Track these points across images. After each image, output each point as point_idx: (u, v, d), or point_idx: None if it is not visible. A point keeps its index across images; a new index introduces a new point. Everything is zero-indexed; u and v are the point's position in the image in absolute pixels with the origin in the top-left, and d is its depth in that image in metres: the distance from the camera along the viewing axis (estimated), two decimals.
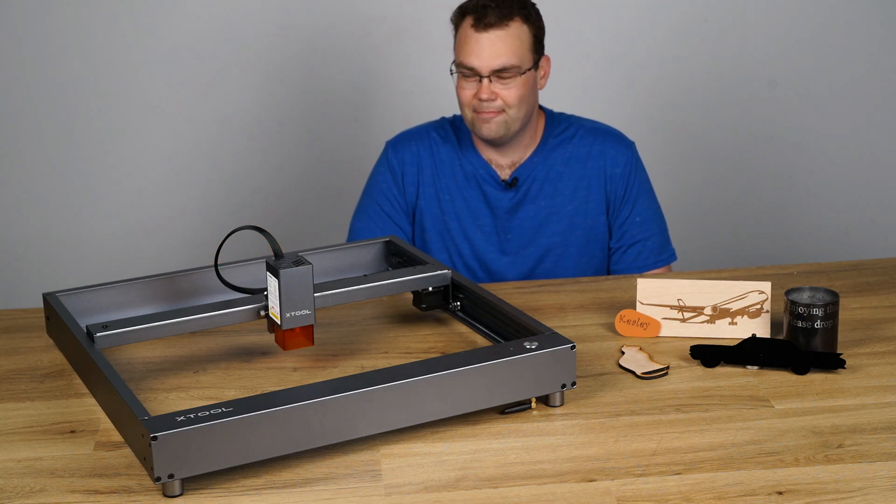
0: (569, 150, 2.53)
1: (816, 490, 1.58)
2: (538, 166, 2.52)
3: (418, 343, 2.05)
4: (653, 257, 2.55)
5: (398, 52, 3.50)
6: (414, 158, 2.55)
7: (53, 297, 2.02)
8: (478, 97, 2.40)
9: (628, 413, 1.79)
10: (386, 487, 1.61)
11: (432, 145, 2.55)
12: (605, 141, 2.54)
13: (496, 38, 2.37)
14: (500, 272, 2.55)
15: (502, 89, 2.39)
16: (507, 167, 2.53)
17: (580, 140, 2.54)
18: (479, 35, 2.38)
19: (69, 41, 3.43)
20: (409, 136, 2.58)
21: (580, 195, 2.52)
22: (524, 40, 2.40)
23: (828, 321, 1.94)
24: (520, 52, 2.39)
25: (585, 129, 2.56)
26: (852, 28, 3.59)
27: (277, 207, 3.59)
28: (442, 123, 2.59)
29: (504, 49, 2.37)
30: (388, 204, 2.55)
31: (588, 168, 2.52)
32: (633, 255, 2.55)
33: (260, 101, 3.53)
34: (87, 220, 3.58)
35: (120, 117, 3.50)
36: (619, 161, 2.53)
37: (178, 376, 1.94)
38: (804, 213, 3.71)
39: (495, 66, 2.38)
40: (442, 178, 2.54)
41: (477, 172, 2.52)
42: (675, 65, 3.58)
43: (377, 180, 2.58)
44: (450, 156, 2.54)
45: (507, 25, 2.38)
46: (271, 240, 1.87)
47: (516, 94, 2.40)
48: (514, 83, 2.39)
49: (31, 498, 1.60)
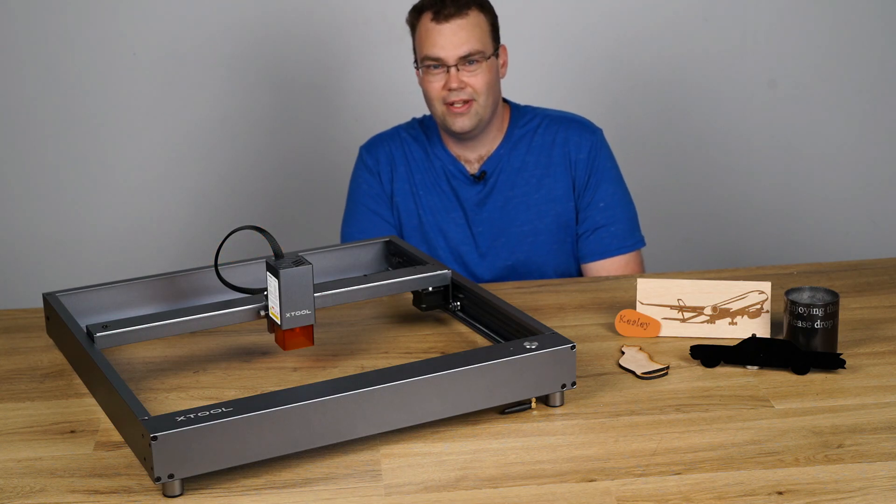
0: (534, 140, 2.57)
1: (816, 490, 1.58)
2: (504, 158, 2.56)
3: (418, 343, 2.05)
4: (616, 242, 2.57)
5: (398, 51, 3.50)
6: (387, 157, 2.61)
7: (53, 297, 2.02)
8: (447, 87, 2.45)
9: (628, 413, 1.79)
10: (386, 487, 1.61)
11: (403, 144, 2.61)
12: (570, 128, 2.58)
13: (458, 27, 2.44)
14: (475, 265, 2.58)
15: (470, 77, 2.45)
16: (475, 161, 2.58)
17: (545, 129, 2.58)
18: (441, 26, 2.45)
19: (67, 43, 3.44)
20: (381, 138, 2.65)
21: (547, 183, 2.56)
22: (483, 28, 2.47)
23: (828, 321, 1.94)
24: (482, 38, 2.46)
25: (550, 118, 2.60)
26: (852, 28, 3.59)
27: (277, 207, 3.60)
28: (412, 123, 2.65)
29: (467, 36, 2.44)
30: (372, 201, 2.60)
31: (553, 156, 2.56)
32: (597, 240, 2.57)
33: (260, 101, 3.53)
34: (87, 220, 3.58)
35: (120, 117, 3.50)
36: (583, 146, 2.57)
37: (178, 376, 1.94)
38: (804, 213, 3.71)
39: (461, 52, 2.44)
40: (415, 174, 2.59)
41: (446, 168, 2.57)
42: (675, 65, 3.58)
43: (357, 182, 2.64)
44: (420, 154, 2.60)
45: (466, 14, 2.45)
46: (271, 240, 1.87)
47: (484, 81, 2.45)
48: (481, 69, 2.45)
49: (31, 498, 1.60)
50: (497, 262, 2.58)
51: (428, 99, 2.51)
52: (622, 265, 2.57)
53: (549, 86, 3.55)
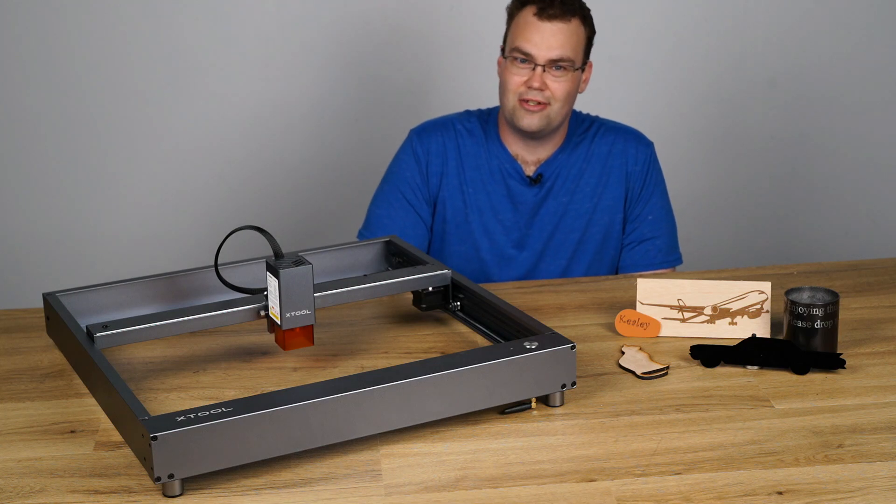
0: (591, 148, 2.55)
1: (816, 490, 1.58)
2: (562, 163, 2.53)
3: (418, 343, 2.05)
4: (660, 256, 2.57)
5: (398, 51, 3.50)
6: (440, 149, 2.55)
7: (53, 297, 2.02)
8: (527, 85, 2.42)
9: (628, 413, 1.79)
10: (386, 487, 1.61)
11: (458, 137, 2.56)
12: (627, 139, 2.57)
13: (558, 30, 2.41)
14: (516, 267, 2.55)
15: (553, 81, 2.42)
16: (532, 163, 2.54)
17: (602, 138, 2.56)
18: (542, 24, 2.41)
19: (69, 41, 3.43)
20: (435, 126, 2.58)
21: (600, 192, 2.55)
22: (580, 38, 2.45)
23: (828, 321, 1.94)
24: (577, 48, 2.43)
25: (607, 127, 2.59)
26: (852, 28, 3.59)
27: (277, 207, 3.59)
28: (467, 116, 2.59)
29: (564, 41, 2.41)
30: (411, 193, 2.55)
31: (608, 165, 2.55)
32: (642, 252, 2.56)
33: (260, 101, 3.53)
34: (87, 220, 3.58)
35: (120, 117, 3.50)
36: (640, 159, 2.56)
37: (178, 376, 1.94)
38: (804, 213, 3.71)
39: (553, 55, 2.41)
40: (467, 170, 2.54)
41: (503, 167, 2.53)
42: (675, 65, 3.58)
43: (400, 167, 2.57)
44: (475, 149, 2.55)
45: (569, 20, 2.42)
46: (271, 240, 1.87)
47: (565, 89, 2.43)
48: (566, 78, 2.43)
49: (31, 498, 1.60)
50: (538, 267, 2.55)
51: (504, 89, 2.46)
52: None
53: None
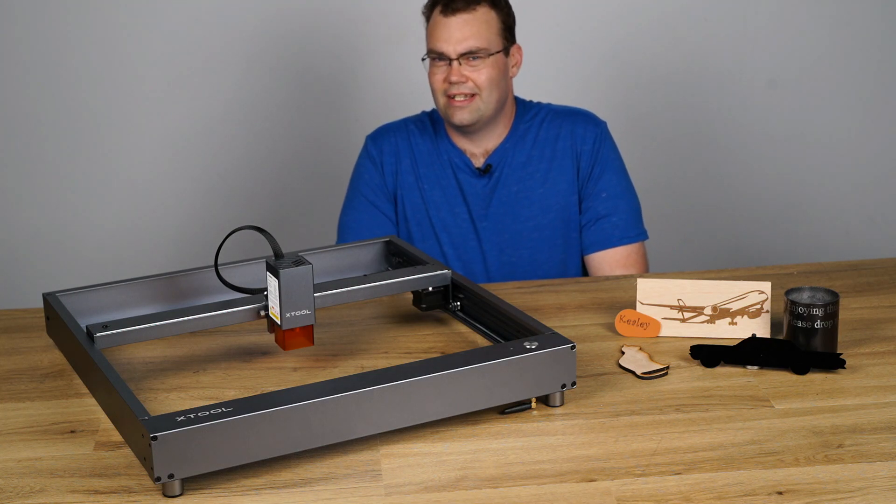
0: (538, 134, 2.58)
1: (816, 490, 1.58)
2: (508, 151, 2.57)
3: (418, 343, 2.05)
4: (618, 232, 2.57)
5: (398, 51, 3.50)
6: (392, 148, 2.61)
7: (53, 297, 2.02)
8: (448, 80, 2.47)
9: (628, 413, 1.79)
10: (386, 487, 1.61)
11: (410, 136, 2.62)
12: (575, 121, 2.59)
13: (463, 22, 2.45)
14: (477, 259, 2.58)
15: (471, 72, 2.46)
16: (480, 155, 2.59)
17: (549, 123, 2.59)
18: (448, 20, 2.46)
19: (67, 42, 3.43)
20: (388, 129, 2.66)
21: (552, 177, 2.57)
22: (492, 25, 2.48)
23: (828, 321, 1.94)
24: (487, 35, 2.46)
25: (554, 112, 2.61)
26: (852, 28, 3.59)
27: (277, 207, 3.60)
28: (420, 116, 2.66)
29: (471, 32, 2.45)
30: (372, 193, 2.61)
31: (557, 149, 2.57)
32: (600, 230, 2.57)
33: (260, 101, 3.53)
34: (87, 220, 3.58)
35: (120, 117, 3.50)
36: (588, 138, 2.58)
37: (178, 376, 1.94)
38: (804, 213, 3.71)
39: (462, 49, 2.45)
40: (421, 167, 2.60)
41: (452, 161, 2.58)
42: (675, 65, 3.58)
43: (360, 172, 2.65)
44: (427, 146, 2.61)
45: (474, 10, 2.46)
46: (271, 240, 1.87)
47: (486, 76, 2.46)
48: (484, 65, 2.46)
49: (31, 498, 1.60)
50: (501, 259, 2.58)
51: (432, 91, 2.52)
52: (624, 256, 2.57)
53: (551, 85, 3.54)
